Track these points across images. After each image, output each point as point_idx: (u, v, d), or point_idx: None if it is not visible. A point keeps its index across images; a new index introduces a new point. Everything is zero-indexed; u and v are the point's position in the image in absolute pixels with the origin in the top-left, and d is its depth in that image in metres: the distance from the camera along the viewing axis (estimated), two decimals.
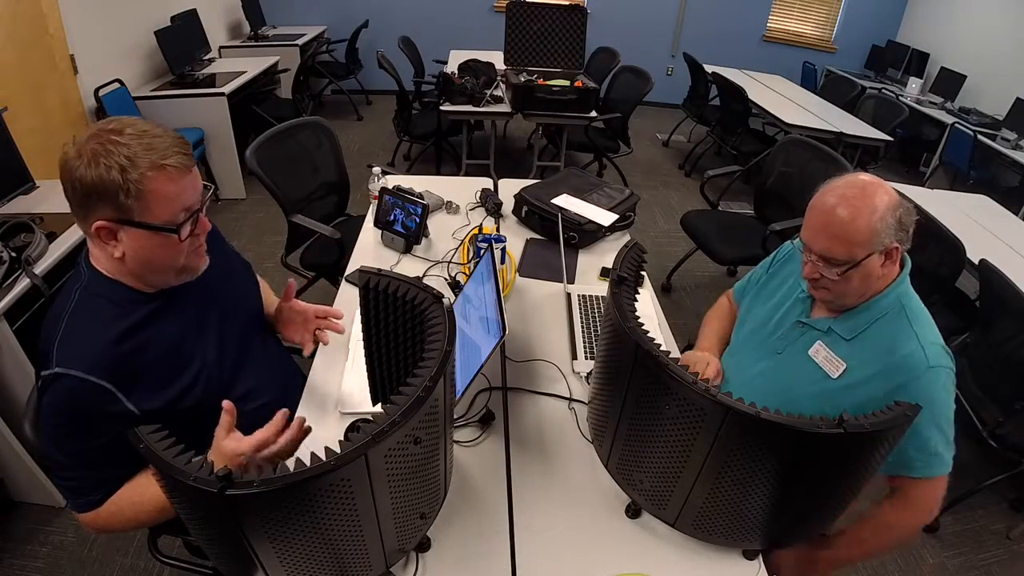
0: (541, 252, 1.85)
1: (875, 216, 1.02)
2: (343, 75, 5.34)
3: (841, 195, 1.05)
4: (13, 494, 1.82)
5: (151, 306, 0.99)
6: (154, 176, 0.87)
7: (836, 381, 1.13)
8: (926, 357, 1.04)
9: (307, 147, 2.30)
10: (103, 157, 0.85)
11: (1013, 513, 2.14)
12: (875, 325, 1.11)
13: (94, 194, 0.86)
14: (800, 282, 1.25)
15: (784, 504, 0.87)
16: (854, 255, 1.04)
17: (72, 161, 0.86)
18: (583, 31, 3.97)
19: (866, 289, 1.10)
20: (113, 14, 3.38)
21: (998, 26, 5.25)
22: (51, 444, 0.93)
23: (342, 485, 0.66)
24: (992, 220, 2.80)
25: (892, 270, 1.10)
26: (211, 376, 1.06)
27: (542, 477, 1.12)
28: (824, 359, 1.15)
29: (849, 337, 1.13)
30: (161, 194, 0.89)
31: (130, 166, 0.86)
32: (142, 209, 0.89)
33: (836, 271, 1.06)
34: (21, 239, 1.70)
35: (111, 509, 0.97)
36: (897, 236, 1.04)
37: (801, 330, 1.22)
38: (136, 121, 0.91)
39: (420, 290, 0.90)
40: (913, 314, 1.09)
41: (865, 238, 1.03)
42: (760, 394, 1.26)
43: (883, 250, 1.05)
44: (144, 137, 0.88)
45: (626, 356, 0.89)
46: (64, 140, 0.89)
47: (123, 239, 0.91)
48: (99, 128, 0.88)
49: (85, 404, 0.90)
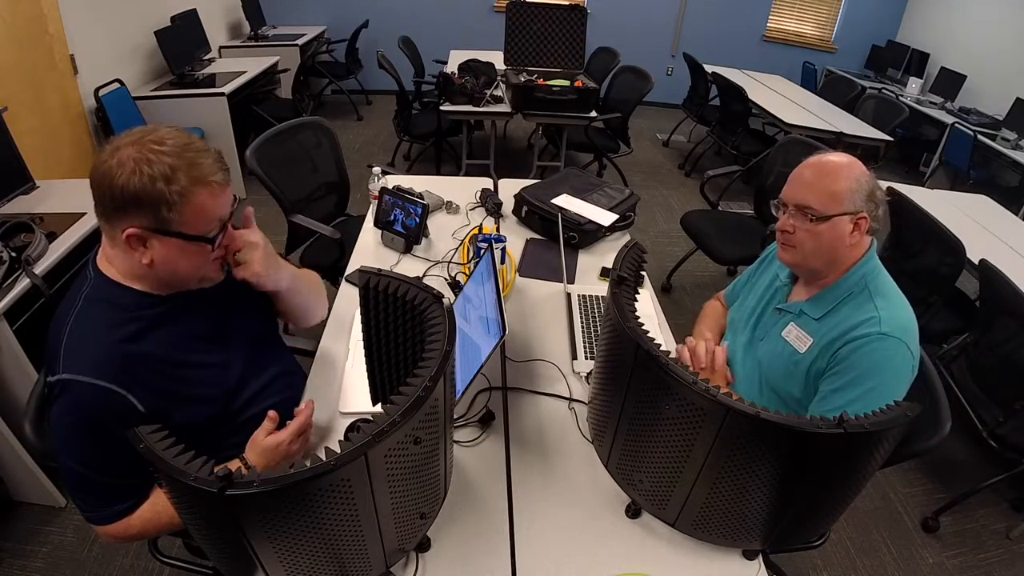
0: (541, 252, 1.85)
1: (851, 178, 1.13)
2: (343, 75, 5.33)
3: (821, 159, 1.18)
4: (13, 494, 1.82)
5: (158, 310, 0.98)
6: (198, 192, 0.88)
7: (803, 355, 1.19)
8: (880, 323, 1.09)
9: (307, 147, 2.30)
10: (145, 166, 0.84)
11: (1013, 513, 2.14)
12: (841, 303, 1.17)
13: (133, 202, 0.86)
14: (780, 272, 1.34)
15: (784, 504, 0.87)
16: (827, 208, 1.13)
17: (112, 169, 0.85)
18: (583, 31, 3.96)
19: (833, 255, 1.16)
20: (113, 14, 3.38)
21: (998, 26, 5.25)
22: (65, 454, 0.91)
23: (342, 485, 0.66)
24: (992, 220, 2.80)
25: (859, 245, 1.17)
26: (219, 379, 1.06)
27: (542, 477, 1.12)
28: (795, 338, 1.22)
29: (818, 316, 1.19)
30: (202, 209, 0.90)
31: (174, 178, 0.86)
32: (181, 221, 0.89)
33: (808, 225, 1.15)
34: (21, 239, 1.70)
35: (145, 515, 0.96)
36: (867, 207, 1.13)
37: (778, 316, 1.29)
38: (176, 132, 0.91)
39: (420, 290, 0.90)
40: (877, 291, 1.15)
41: (839, 194, 1.12)
42: (754, 386, 1.29)
43: (853, 213, 1.13)
44: (187, 151, 0.88)
45: (626, 356, 0.89)
46: (64, 140, 0.89)
47: (154, 247, 0.91)
48: (139, 136, 0.88)
49: (96, 410, 0.89)
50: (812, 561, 1.90)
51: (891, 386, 1.08)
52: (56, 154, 2.81)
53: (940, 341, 2.25)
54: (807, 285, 1.26)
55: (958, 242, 2.03)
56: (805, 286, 1.26)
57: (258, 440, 1.00)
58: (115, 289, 0.95)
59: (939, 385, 1.23)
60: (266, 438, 1.00)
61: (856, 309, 1.14)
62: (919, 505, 2.13)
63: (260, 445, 0.99)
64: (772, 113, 4.21)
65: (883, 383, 1.08)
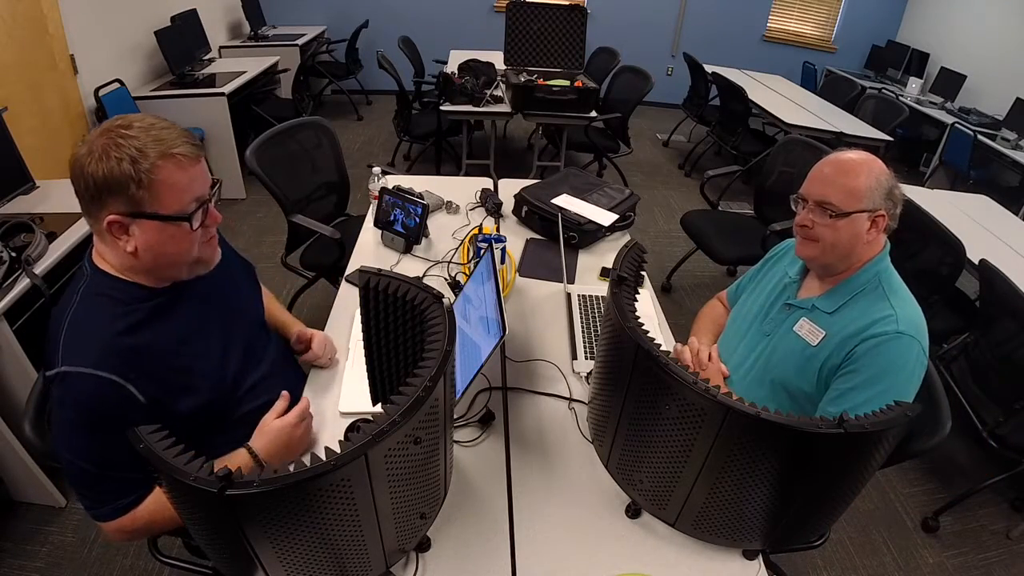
0: (541, 252, 1.85)
1: (871, 176, 1.13)
2: (343, 75, 5.33)
3: (842, 157, 1.18)
4: (13, 494, 1.82)
5: (155, 302, 0.98)
6: (163, 165, 0.88)
7: (816, 349, 1.19)
8: (897, 322, 1.09)
9: (307, 147, 2.30)
10: (113, 150, 0.85)
11: (1013, 513, 2.14)
12: (854, 298, 1.18)
13: (105, 188, 0.86)
14: (788, 269, 1.34)
15: (784, 504, 0.87)
16: (847, 204, 1.13)
17: (83, 158, 0.86)
18: (583, 31, 3.96)
19: (850, 251, 1.17)
20: (113, 14, 3.38)
21: (998, 26, 5.24)
22: (67, 449, 0.90)
23: (342, 485, 0.66)
24: (992, 220, 2.80)
25: (876, 242, 1.18)
26: (216, 371, 1.06)
27: (542, 477, 1.12)
28: (807, 332, 1.22)
29: (831, 310, 1.20)
30: (171, 183, 0.89)
31: (140, 156, 0.86)
32: (153, 199, 0.89)
33: (828, 220, 1.15)
34: (21, 239, 1.70)
35: (150, 508, 0.96)
36: (886, 204, 1.14)
37: (788, 311, 1.29)
38: (144, 116, 0.92)
39: (420, 290, 0.90)
40: (891, 288, 1.16)
41: (860, 190, 1.13)
42: (755, 383, 1.29)
43: (872, 211, 1.13)
44: (152, 129, 0.89)
45: (626, 356, 0.89)
46: (64, 140, 0.90)
47: (135, 233, 0.91)
48: (108, 125, 0.89)
49: (96, 401, 0.88)
50: (812, 561, 1.90)
51: (905, 385, 1.09)
52: (56, 154, 2.81)
53: (940, 341, 2.25)
54: (821, 280, 1.26)
55: (958, 242, 2.03)
56: (819, 281, 1.27)
57: (267, 422, 1.06)
58: (112, 282, 0.95)
59: (939, 385, 1.23)
60: (274, 420, 1.05)
61: (871, 306, 1.14)
62: (919, 505, 2.13)
63: (268, 427, 1.05)
64: (772, 113, 4.21)
65: (898, 382, 1.08)
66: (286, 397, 1.10)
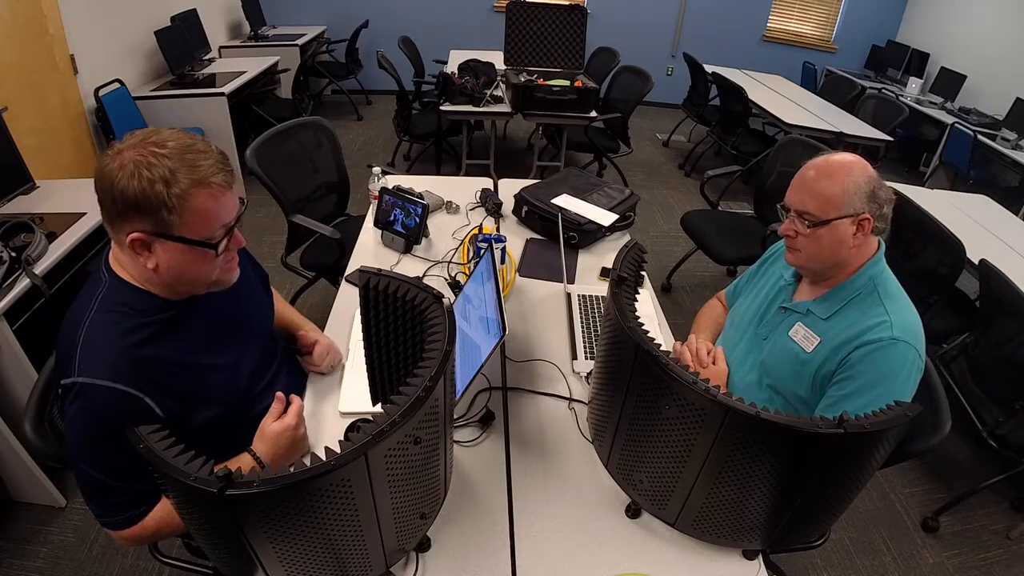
0: (541, 252, 1.85)
1: (848, 180, 1.11)
2: (343, 75, 5.33)
3: (822, 161, 1.16)
4: (13, 494, 1.82)
5: (172, 312, 0.97)
6: (197, 193, 0.86)
7: (810, 355, 1.18)
8: (891, 328, 1.08)
9: (307, 147, 2.30)
10: (144, 169, 0.83)
11: (1013, 513, 2.14)
12: (848, 304, 1.17)
13: (134, 207, 0.84)
14: (784, 271, 1.34)
15: (784, 504, 0.87)
16: (825, 212, 1.12)
17: (112, 171, 0.83)
18: (583, 31, 3.97)
19: (836, 257, 1.16)
20: (113, 14, 3.38)
21: (998, 26, 5.24)
22: (82, 460, 0.89)
23: (342, 485, 0.66)
24: (992, 220, 2.80)
25: (866, 246, 1.16)
26: (232, 380, 1.06)
27: (542, 477, 1.12)
28: (802, 337, 1.22)
29: (825, 316, 1.19)
30: (203, 211, 0.88)
31: (173, 180, 0.84)
32: (182, 224, 0.87)
33: (808, 229, 1.15)
34: (21, 239, 1.70)
35: (158, 515, 0.96)
36: (869, 207, 1.12)
37: (783, 315, 1.28)
38: (178, 134, 0.89)
39: (420, 290, 0.90)
40: (886, 293, 1.15)
41: (837, 197, 1.11)
42: (754, 386, 1.29)
43: (854, 215, 1.11)
44: (188, 152, 0.86)
45: (626, 356, 0.89)
46: (64, 140, 0.89)
47: (157, 251, 0.89)
48: (141, 138, 0.86)
49: (113, 413, 0.87)
50: (812, 561, 1.90)
51: (900, 390, 1.08)
52: (56, 154, 2.81)
53: (940, 341, 2.25)
54: (813, 285, 1.26)
55: (958, 242, 2.03)
56: (811, 286, 1.26)
57: (267, 427, 1.03)
58: (130, 292, 0.94)
59: (939, 385, 1.23)
60: (273, 423, 1.03)
61: (865, 311, 1.13)
62: (919, 505, 2.13)
63: (268, 431, 1.02)
64: (772, 113, 4.21)
65: (893, 388, 1.07)
66: (281, 399, 1.07)
